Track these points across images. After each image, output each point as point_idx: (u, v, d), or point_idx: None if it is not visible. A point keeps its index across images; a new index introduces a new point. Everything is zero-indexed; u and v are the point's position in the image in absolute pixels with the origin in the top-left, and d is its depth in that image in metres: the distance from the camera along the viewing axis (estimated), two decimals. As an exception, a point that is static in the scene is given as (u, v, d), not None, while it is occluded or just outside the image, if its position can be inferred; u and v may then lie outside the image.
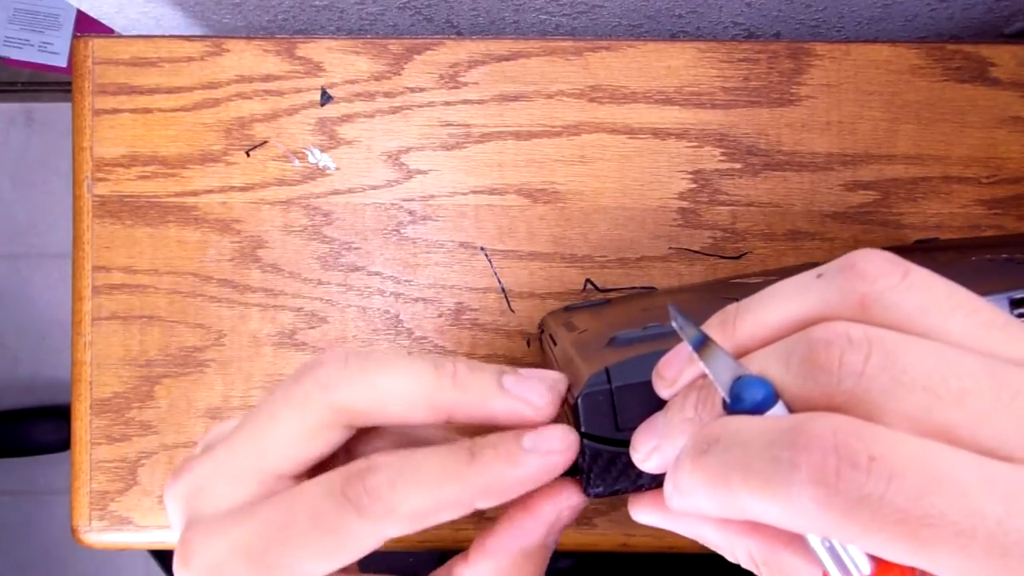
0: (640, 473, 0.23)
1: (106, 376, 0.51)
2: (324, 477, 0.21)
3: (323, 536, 0.20)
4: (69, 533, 0.51)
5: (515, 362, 0.49)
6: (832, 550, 0.18)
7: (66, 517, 0.50)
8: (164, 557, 1.30)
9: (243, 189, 0.51)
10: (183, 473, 0.23)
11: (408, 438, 0.25)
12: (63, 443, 1.30)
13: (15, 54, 1.21)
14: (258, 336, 0.50)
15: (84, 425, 0.51)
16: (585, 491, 0.24)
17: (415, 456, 0.21)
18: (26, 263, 1.36)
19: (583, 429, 0.24)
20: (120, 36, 0.51)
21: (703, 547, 0.25)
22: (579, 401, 0.23)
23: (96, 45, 0.51)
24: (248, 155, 0.51)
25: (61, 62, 1.21)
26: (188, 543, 0.22)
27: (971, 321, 0.18)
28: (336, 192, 0.50)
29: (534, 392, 0.23)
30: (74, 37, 0.56)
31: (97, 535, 0.51)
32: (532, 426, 0.23)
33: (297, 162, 0.51)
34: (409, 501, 0.21)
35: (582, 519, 0.49)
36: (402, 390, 0.22)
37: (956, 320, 0.18)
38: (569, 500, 0.24)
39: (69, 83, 0.56)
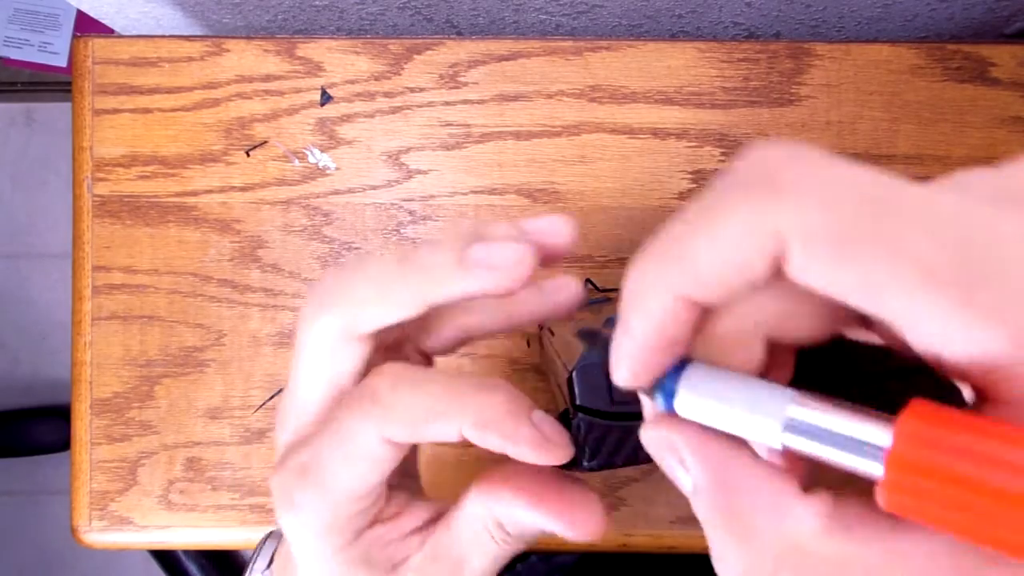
0: (636, 447, 0.23)
1: (106, 376, 0.51)
2: (348, 401, 0.24)
3: (344, 446, 0.23)
4: (69, 533, 0.51)
5: (515, 362, 0.49)
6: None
7: (66, 517, 0.50)
8: (164, 557, 1.30)
9: (243, 189, 0.51)
10: (293, 484, 0.24)
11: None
12: (63, 443, 1.30)
13: (15, 54, 1.21)
14: (258, 336, 0.50)
15: (84, 425, 0.51)
16: (581, 465, 0.24)
17: (417, 375, 0.23)
18: (26, 263, 1.36)
19: (577, 402, 0.24)
20: (120, 36, 0.51)
21: (703, 547, 0.25)
22: (573, 374, 0.24)
23: (96, 45, 0.51)
24: (248, 155, 0.51)
25: (61, 62, 1.21)
26: (282, 479, 0.24)
27: None
28: (336, 192, 0.50)
29: (501, 254, 0.22)
30: (74, 37, 0.56)
31: (97, 535, 0.51)
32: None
33: (297, 162, 0.51)
34: (403, 411, 0.22)
35: (582, 519, 0.49)
36: (376, 298, 0.23)
37: None
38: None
39: (69, 83, 0.56)
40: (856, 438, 0.16)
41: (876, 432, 0.16)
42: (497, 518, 0.24)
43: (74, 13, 1.21)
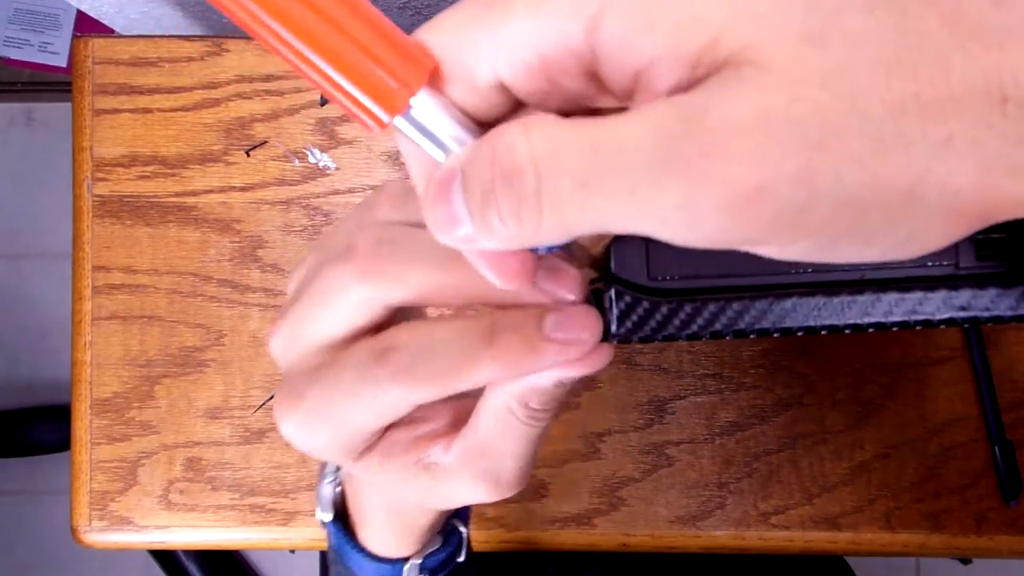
0: (663, 321, 0.22)
1: (106, 376, 0.51)
2: (357, 351, 0.23)
3: (363, 400, 0.23)
4: (69, 533, 0.51)
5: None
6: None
7: (66, 517, 0.50)
8: (164, 557, 1.30)
9: (243, 189, 0.51)
10: (272, 335, 0.26)
11: None
12: (63, 443, 1.30)
13: (15, 54, 1.20)
14: (258, 336, 0.50)
15: (84, 425, 0.51)
16: (609, 335, 0.23)
17: (434, 334, 0.23)
18: (26, 263, 1.35)
19: (612, 271, 0.23)
20: (120, 36, 0.51)
21: (702, 547, 0.24)
22: (611, 244, 0.23)
23: (96, 45, 0.51)
24: (248, 155, 0.51)
25: (61, 62, 1.21)
26: (279, 406, 0.25)
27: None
28: (336, 192, 0.50)
29: (566, 289, 0.23)
30: (74, 37, 0.56)
31: (97, 535, 0.51)
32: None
33: (297, 162, 0.51)
34: (429, 381, 0.22)
35: (582, 519, 0.49)
36: (437, 288, 0.23)
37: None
38: (576, 371, 0.23)
39: (69, 83, 0.56)
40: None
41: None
42: (521, 399, 0.24)
43: (74, 13, 1.21)
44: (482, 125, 0.20)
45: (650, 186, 0.16)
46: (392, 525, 0.32)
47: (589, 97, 0.19)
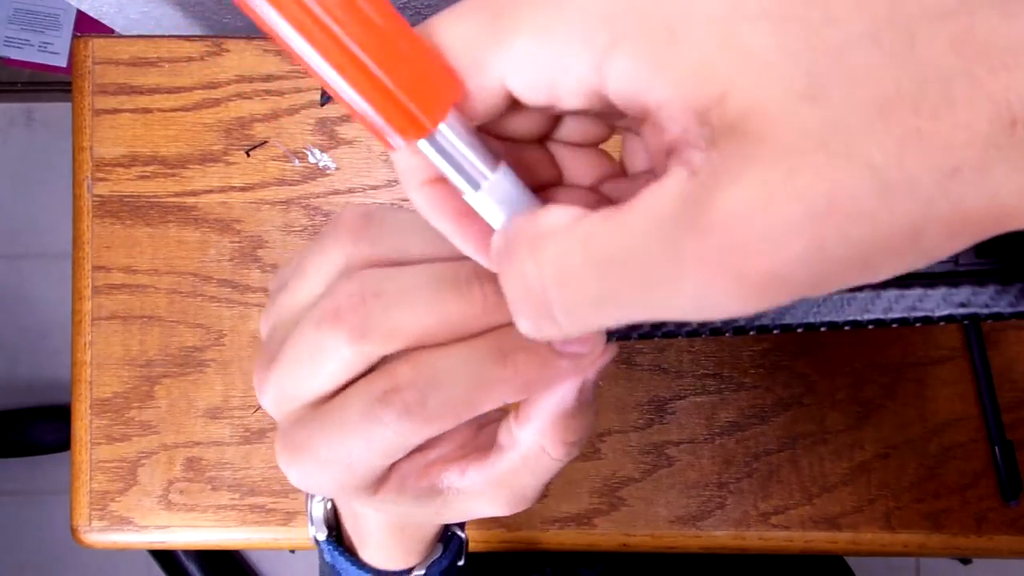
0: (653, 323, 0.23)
1: (106, 376, 0.51)
2: (357, 394, 0.23)
3: (371, 443, 0.22)
4: (69, 533, 0.51)
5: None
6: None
7: (66, 517, 0.50)
8: (164, 557, 1.30)
9: (243, 189, 0.51)
10: (261, 389, 0.25)
11: None
12: (63, 443, 1.30)
13: (15, 54, 1.20)
14: (258, 336, 0.50)
15: (84, 425, 0.51)
16: (607, 335, 0.23)
17: (439, 364, 0.22)
18: (26, 263, 1.36)
19: None
20: (120, 36, 0.51)
21: (702, 547, 0.24)
22: None
23: (96, 45, 0.51)
24: (248, 155, 0.51)
25: (61, 62, 1.21)
26: (281, 456, 0.24)
27: None
28: (336, 192, 0.50)
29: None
30: (74, 37, 0.56)
31: (97, 535, 0.51)
32: None
33: (297, 162, 0.51)
34: (442, 415, 0.22)
35: (582, 519, 0.50)
36: (429, 328, 0.22)
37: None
38: (582, 376, 0.23)
39: (69, 83, 0.56)
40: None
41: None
42: (555, 436, 0.24)
43: (74, 13, 1.21)
44: (485, 127, 0.20)
45: (666, 290, 0.16)
46: (392, 540, 0.32)
47: (596, 112, 0.19)
